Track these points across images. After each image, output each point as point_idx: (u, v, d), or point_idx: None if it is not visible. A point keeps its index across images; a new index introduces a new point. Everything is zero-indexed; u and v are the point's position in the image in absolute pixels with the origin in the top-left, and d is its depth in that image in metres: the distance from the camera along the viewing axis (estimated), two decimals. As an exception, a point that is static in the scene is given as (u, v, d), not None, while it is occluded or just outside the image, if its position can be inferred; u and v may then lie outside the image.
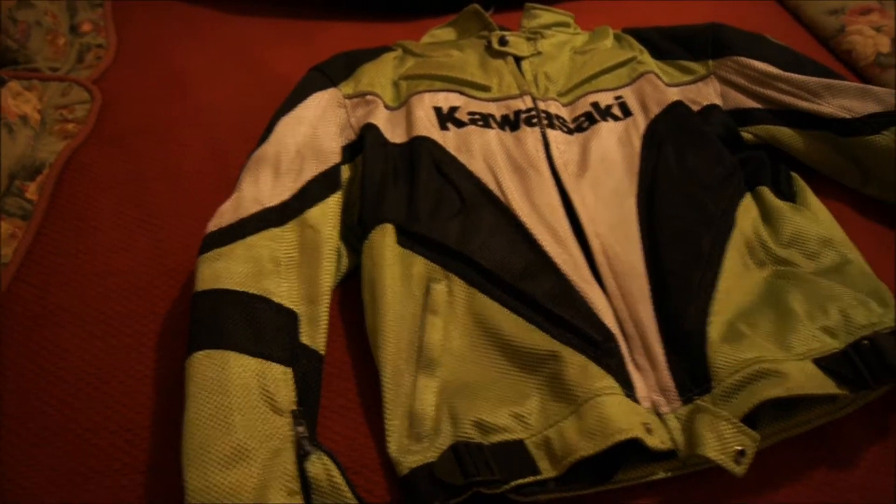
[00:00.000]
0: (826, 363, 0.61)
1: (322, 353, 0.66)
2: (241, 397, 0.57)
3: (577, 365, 0.61)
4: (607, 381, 0.60)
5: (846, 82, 0.81)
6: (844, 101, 0.79)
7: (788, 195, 0.78)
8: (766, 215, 0.75)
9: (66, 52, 0.95)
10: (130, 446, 0.63)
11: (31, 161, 0.82)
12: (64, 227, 0.79)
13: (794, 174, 0.80)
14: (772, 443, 0.62)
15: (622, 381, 0.61)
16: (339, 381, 0.67)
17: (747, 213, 0.74)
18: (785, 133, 0.82)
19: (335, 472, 0.56)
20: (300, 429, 0.58)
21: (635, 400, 0.61)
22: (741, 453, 0.56)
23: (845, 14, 1.01)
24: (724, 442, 0.56)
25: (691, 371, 0.62)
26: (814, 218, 0.74)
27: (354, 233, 0.74)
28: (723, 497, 0.60)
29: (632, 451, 0.57)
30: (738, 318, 0.66)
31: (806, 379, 0.59)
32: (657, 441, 0.58)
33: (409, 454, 0.59)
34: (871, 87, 0.80)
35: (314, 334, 0.66)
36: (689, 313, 0.65)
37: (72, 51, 0.96)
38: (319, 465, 0.56)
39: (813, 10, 1.04)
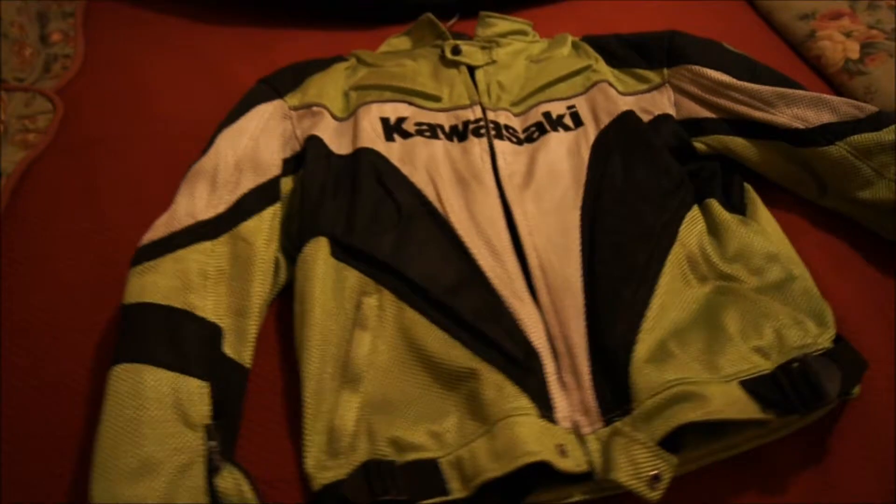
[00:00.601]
0: (753, 386, 0.59)
1: (247, 366, 0.67)
2: (153, 411, 0.58)
3: (493, 384, 0.60)
4: (522, 402, 0.59)
5: (801, 91, 0.78)
6: (798, 111, 0.77)
7: (739, 208, 0.76)
8: (713, 229, 0.73)
9: (32, 63, 0.97)
10: (61, 455, 0.64)
11: (-11, 172, 0.84)
12: (17, 236, 0.80)
13: (747, 186, 0.78)
14: (699, 466, 0.61)
15: (540, 401, 0.60)
16: (268, 395, 0.67)
17: (692, 227, 0.73)
18: (738, 143, 0.80)
19: (246, 487, 0.57)
20: (212, 443, 0.58)
21: (553, 420, 0.60)
22: (656, 478, 0.55)
23: (816, 19, 0.98)
24: (637, 466, 0.55)
25: (615, 391, 0.61)
26: (761, 232, 0.73)
27: (294, 244, 0.74)
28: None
29: (548, 472, 0.57)
30: (671, 336, 0.64)
31: (727, 403, 0.57)
32: (571, 464, 0.57)
33: (324, 470, 0.59)
34: (825, 96, 0.77)
35: (241, 347, 0.66)
36: (616, 331, 0.64)
37: (38, 61, 0.98)
38: (230, 480, 0.57)
39: (784, 15, 1.02)
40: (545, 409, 0.60)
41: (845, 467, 0.62)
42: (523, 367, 0.62)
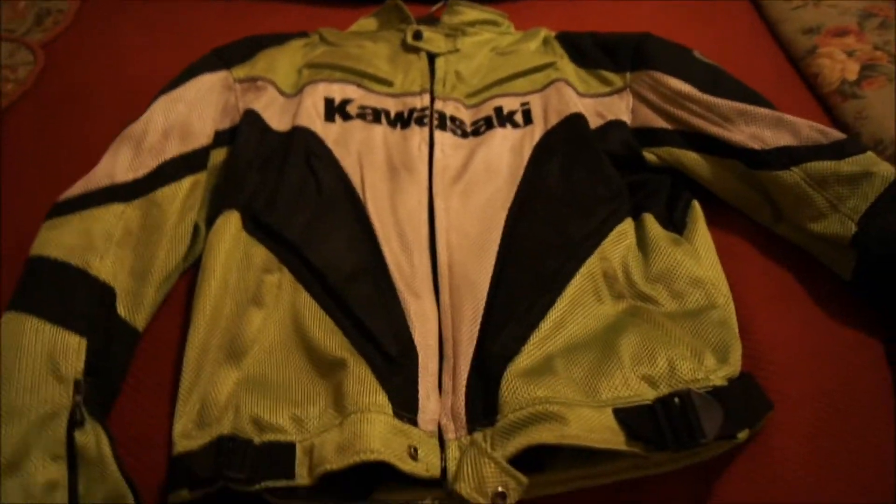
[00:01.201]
0: (626, 415, 0.56)
1: (139, 329, 0.67)
2: (26, 361, 0.59)
3: (357, 377, 0.59)
4: (379, 398, 0.57)
5: (763, 109, 0.73)
6: (756, 130, 0.72)
7: (679, 226, 0.72)
8: (643, 245, 0.70)
9: (24, 15, 1.00)
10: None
11: (-37, 116, 0.87)
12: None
13: (694, 203, 0.73)
14: (567, 489, 0.58)
15: (403, 401, 0.59)
16: (161, 359, 0.67)
17: (619, 241, 0.69)
18: (691, 158, 0.75)
19: (105, 444, 0.57)
20: (78, 398, 0.59)
21: (415, 422, 0.58)
22: (501, 496, 0.53)
23: (820, 34, 0.91)
24: (481, 480, 0.53)
25: (485, 401, 0.59)
26: (693, 253, 0.68)
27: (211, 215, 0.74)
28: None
29: (400, 473, 0.55)
30: (562, 352, 0.61)
31: (587, 429, 0.54)
32: (420, 468, 0.55)
33: (188, 438, 0.59)
34: (789, 117, 0.72)
35: (135, 310, 0.67)
36: (500, 338, 0.61)
37: (31, 13, 1.01)
38: (91, 436, 0.58)
39: (789, 27, 0.95)
40: (408, 409, 0.58)
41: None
42: (394, 364, 0.60)
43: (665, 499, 0.59)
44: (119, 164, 0.72)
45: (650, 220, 0.70)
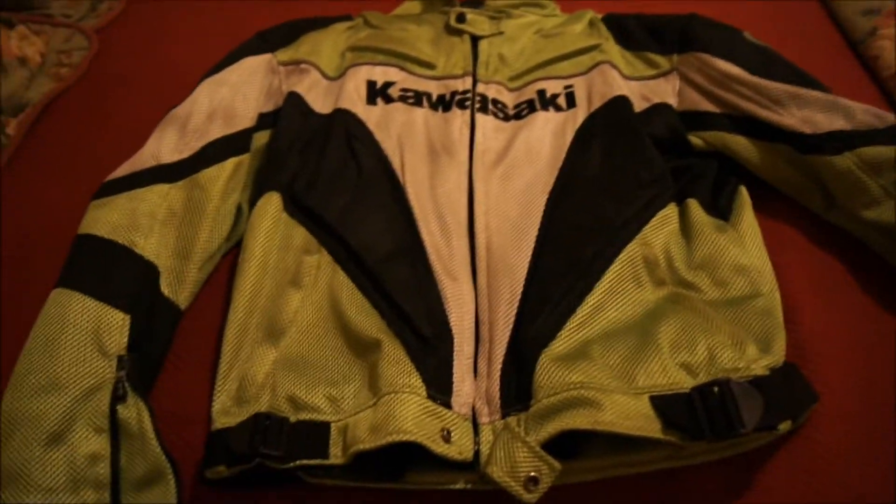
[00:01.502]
0: (663, 403, 0.54)
1: (182, 307, 0.69)
2: (71, 335, 0.60)
3: (392, 357, 0.59)
4: (413, 380, 0.57)
5: (816, 92, 0.70)
6: (809, 114, 0.69)
7: (725, 212, 0.70)
8: (686, 231, 0.68)
9: (80, 2, 1.03)
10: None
11: (20, 99, 0.90)
12: (30, 164, 0.86)
13: (741, 189, 0.71)
14: (601, 477, 0.58)
15: (437, 383, 0.58)
16: (204, 337, 0.69)
17: (662, 227, 0.67)
18: (739, 143, 0.73)
19: (146, 419, 0.59)
20: (121, 373, 0.60)
21: (448, 404, 0.58)
22: (534, 480, 0.52)
23: (880, 15, 0.87)
24: (514, 465, 0.53)
25: (520, 385, 0.58)
26: (738, 240, 0.66)
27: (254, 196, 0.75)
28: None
29: (434, 455, 0.55)
30: (600, 337, 0.60)
31: (622, 416, 0.53)
32: (454, 450, 0.55)
33: (226, 415, 0.60)
34: (843, 100, 0.69)
35: (178, 288, 0.68)
36: (536, 323, 0.60)
37: (86, 0, 1.04)
38: (133, 410, 0.59)
39: (848, 9, 0.91)
40: (442, 391, 0.58)
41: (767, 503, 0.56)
42: (428, 346, 0.60)
43: (702, 490, 0.57)
44: (164, 146, 0.73)
45: (694, 206, 0.69)
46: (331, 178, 0.73)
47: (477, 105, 0.79)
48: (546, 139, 0.76)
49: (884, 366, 0.63)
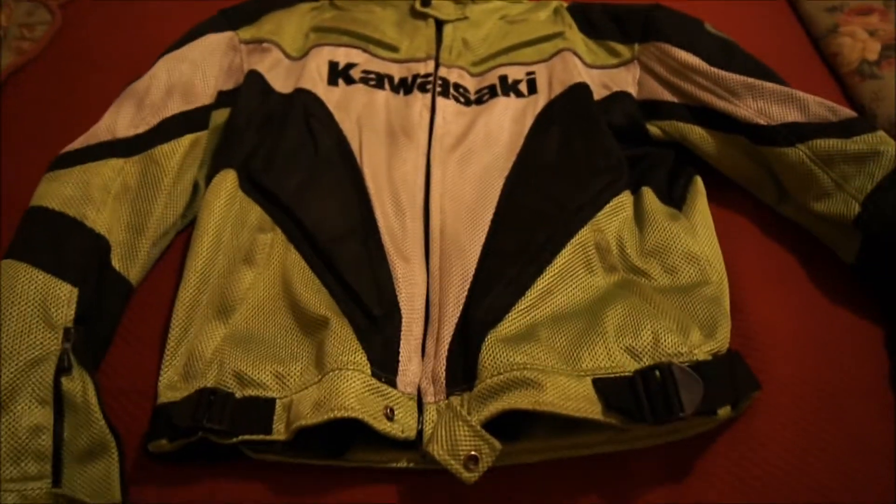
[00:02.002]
0: (605, 386, 0.55)
1: (133, 282, 0.68)
2: (18, 306, 0.60)
3: (339, 335, 0.59)
4: (358, 357, 0.57)
5: (772, 84, 0.71)
6: (763, 105, 0.70)
7: (679, 201, 0.71)
8: (639, 218, 0.69)
9: (45, -25, 1.02)
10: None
11: (-21, 72, 0.89)
12: (-12, 135, 0.85)
13: (696, 179, 0.72)
14: (543, 459, 0.58)
15: (382, 362, 0.59)
16: (154, 312, 0.69)
17: (615, 213, 0.68)
18: (696, 132, 0.74)
19: (91, 392, 0.59)
20: (67, 345, 0.60)
21: (393, 383, 0.58)
22: (473, 459, 0.52)
23: (843, 13, 0.88)
24: (454, 443, 0.53)
25: (465, 366, 0.58)
26: (689, 229, 0.67)
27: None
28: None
29: (377, 433, 0.55)
30: (547, 321, 0.61)
31: (564, 397, 0.53)
32: (396, 429, 0.55)
33: (172, 390, 0.60)
34: (798, 93, 0.70)
35: (129, 263, 0.68)
36: (485, 304, 0.61)
37: (52, -27, 1.03)
38: (78, 383, 0.59)
39: (811, 4, 0.92)
40: (387, 370, 0.59)
41: (707, 490, 0.57)
42: (376, 325, 0.60)
43: (643, 473, 0.58)
44: (120, 120, 0.72)
45: (648, 194, 0.69)
46: (288, 157, 0.73)
47: (438, 89, 0.79)
48: (505, 124, 0.76)
49: (829, 358, 0.63)
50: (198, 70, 0.77)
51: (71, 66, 0.93)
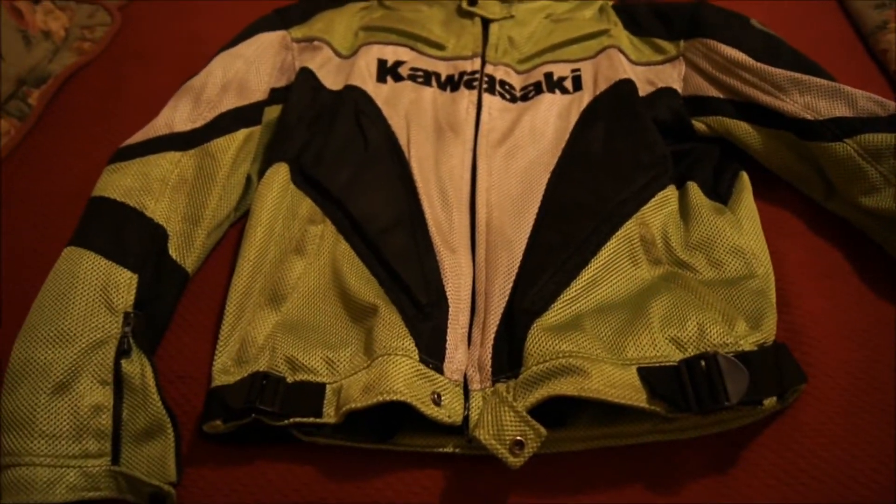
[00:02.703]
0: (650, 374, 0.55)
1: (189, 270, 0.71)
2: (81, 291, 0.62)
3: (387, 322, 0.60)
4: (406, 343, 0.59)
5: (819, 79, 0.71)
6: (810, 100, 0.70)
7: (724, 195, 0.71)
8: (685, 213, 0.69)
9: (105, -22, 1.06)
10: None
11: (42, 71, 0.93)
12: (50, 133, 0.89)
13: (742, 174, 0.72)
14: (588, 447, 0.59)
15: (430, 348, 0.60)
16: (208, 300, 0.71)
17: (660, 207, 0.68)
18: (741, 128, 0.73)
19: (149, 374, 0.61)
20: (127, 329, 0.62)
21: (440, 370, 0.59)
22: (519, 444, 0.53)
23: (892, 9, 0.87)
24: (501, 428, 0.54)
25: (511, 354, 0.60)
26: (735, 223, 0.67)
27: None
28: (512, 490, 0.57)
29: (425, 419, 0.56)
30: (592, 312, 0.62)
31: (609, 384, 0.54)
32: (443, 414, 0.57)
33: (225, 374, 0.62)
34: (846, 87, 0.69)
35: (186, 252, 0.70)
36: (531, 294, 0.62)
37: (110, -24, 1.07)
38: (137, 365, 0.61)
39: (860, 2, 0.91)
40: (435, 357, 0.60)
41: (752, 481, 0.57)
42: (424, 313, 0.62)
43: (687, 464, 0.58)
44: (178, 115, 0.75)
45: (694, 189, 0.70)
46: (337, 152, 0.75)
47: (484, 86, 0.80)
48: (551, 120, 0.77)
49: (877, 353, 0.63)
50: (252, 67, 0.80)
51: (129, 65, 0.96)
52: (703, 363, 0.55)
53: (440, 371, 0.59)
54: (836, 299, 0.67)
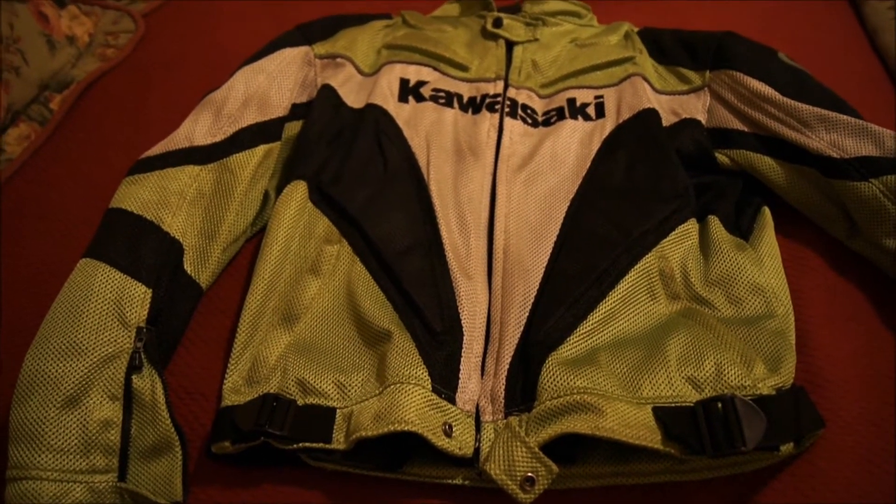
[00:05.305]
0: (666, 414, 0.55)
1: (203, 286, 0.70)
2: (95, 304, 0.62)
3: (401, 349, 0.60)
4: (419, 372, 0.58)
5: (846, 117, 0.69)
6: (836, 137, 0.69)
7: (746, 231, 0.70)
8: (705, 247, 0.68)
9: (131, -15, 1.07)
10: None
11: (65, 76, 0.93)
12: (70, 139, 0.89)
13: (764, 209, 0.71)
14: (601, 484, 0.58)
15: (443, 377, 0.59)
16: (221, 316, 0.71)
17: (681, 241, 0.68)
18: (765, 163, 0.73)
19: (159, 391, 0.60)
20: (139, 344, 0.62)
21: (453, 399, 0.59)
22: (530, 480, 0.53)
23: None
24: (512, 464, 0.53)
25: (525, 386, 0.59)
26: (756, 260, 0.66)
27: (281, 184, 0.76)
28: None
29: (435, 449, 0.56)
30: (608, 346, 0.61)
31: (623, 424, 0.53)
32: (454, 445, 0.56)
33: (235, 393, 0.62)
34: (874, 126, 0.68)
35: (201, 267, 0.70)
36: (547, 326, 0.61)
37: (137, -16, 1.07)
38: (147, 381, 0.61)
39: (889, 37, 0.89)
40: (447, 386, 0.59)
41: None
42: (438, 341, 0.61)
43: (701, 504, 0.57)
44: (198, 129, 0.75)
45: (715, 223, 0.69)
46: (356, 171, 0.74)
47: (506, 109, 0.80)
48: (572, 147, 0.77)
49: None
50: (274, 82, 0.80)
51: (151, 73, 0.97)
52: (719, 405, 0.54)
53: (452, 401, 0.59)
54: (857, 342, 0.65)
